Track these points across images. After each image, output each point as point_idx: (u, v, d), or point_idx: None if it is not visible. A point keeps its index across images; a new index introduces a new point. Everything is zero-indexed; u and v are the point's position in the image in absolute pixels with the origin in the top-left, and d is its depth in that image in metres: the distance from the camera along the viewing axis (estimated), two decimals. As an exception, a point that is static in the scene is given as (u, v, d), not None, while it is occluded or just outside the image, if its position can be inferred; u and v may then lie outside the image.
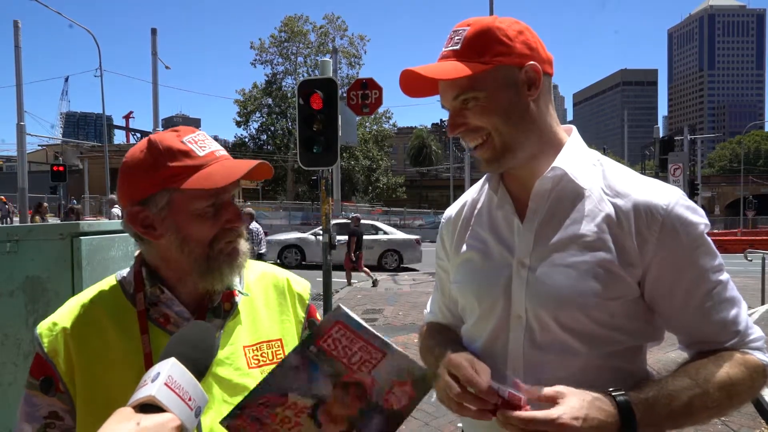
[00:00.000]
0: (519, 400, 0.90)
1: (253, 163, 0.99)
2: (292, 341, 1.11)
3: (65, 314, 1.01)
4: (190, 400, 0.74)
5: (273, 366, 1.05)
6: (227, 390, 0.99)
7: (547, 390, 0.90)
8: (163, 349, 0.87)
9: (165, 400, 0.71)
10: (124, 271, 1.08)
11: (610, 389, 0.92)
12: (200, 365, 0.81)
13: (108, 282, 1.07)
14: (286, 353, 1.08)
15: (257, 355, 1.04)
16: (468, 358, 1.01)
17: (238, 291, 1.08)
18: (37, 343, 0.99)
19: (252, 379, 1.01)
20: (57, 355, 0.97)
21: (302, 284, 1.21)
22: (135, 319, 0.99)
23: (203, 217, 0.98)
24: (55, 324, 1.00)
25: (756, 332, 1.01)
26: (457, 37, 1.03)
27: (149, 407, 0.71)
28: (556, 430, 0.84)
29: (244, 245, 1.04)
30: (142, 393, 0.72)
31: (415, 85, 1.08)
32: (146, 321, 0.99)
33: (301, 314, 1.17)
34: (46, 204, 12.22)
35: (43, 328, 1.00)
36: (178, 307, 1.01)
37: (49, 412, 0.96)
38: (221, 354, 1.00)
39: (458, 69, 0.98)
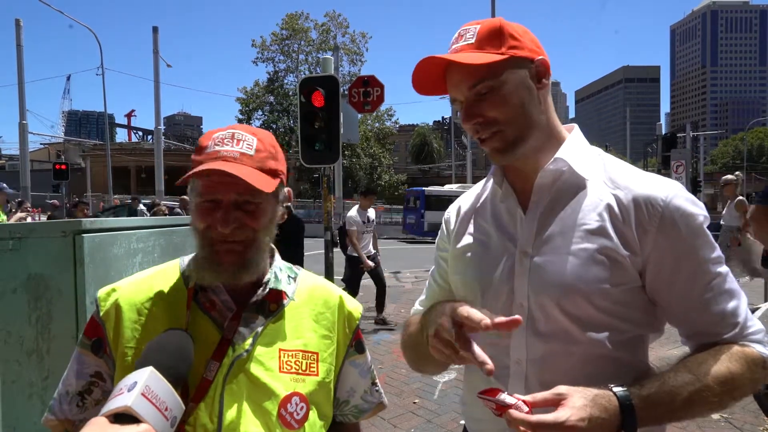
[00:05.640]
0: (526, 404, 0.87)
1: (244, 172, 0.94)
2: (328, 358, 1.08)
3: (125, 285, 1.06)
4: (166, 410, 0.73)
5: (304, 377, 1.02)
6: (252, 388, 0.98)
7: (546, 393, 0.88)
8: (200, 331, 0.88)
9: (141, 410, 0.70)
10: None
11: (611, 385, 0.91)
12: (178, 374, 0.81)
13: (172, 262, 1.12)
14: (319, 368, 1.05)
15: (291, 362, 1.03)
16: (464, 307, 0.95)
17: (288, 295, 1.08)
18: (95, 305, 1.05)
19: (280, 383, 1.00)
20: (108, 320, 1.02)
21: (355, 304, 1.19)
22: (185, 299, 1.02)
23: (197, 211, 1.00)
24: (113, 290, 1.05)
25: (756, 325, 1.01)
26: (468, 34, 1.05)
27: (124, 417, 0.69)
28: None
29: (229, 253, 0.97)
30: (117, 402, 0.70)
31: (427, 79, 1.09)
32: (191, 299, 1.01)
33: (349, 334, 1.15)
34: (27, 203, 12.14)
35: (102, 292, 1.05)
36: (224, 295, 1.02)
37: (95, 371, 1.02)
38: (256, 352, 1.00)
39: (480, 56, 1.01)
